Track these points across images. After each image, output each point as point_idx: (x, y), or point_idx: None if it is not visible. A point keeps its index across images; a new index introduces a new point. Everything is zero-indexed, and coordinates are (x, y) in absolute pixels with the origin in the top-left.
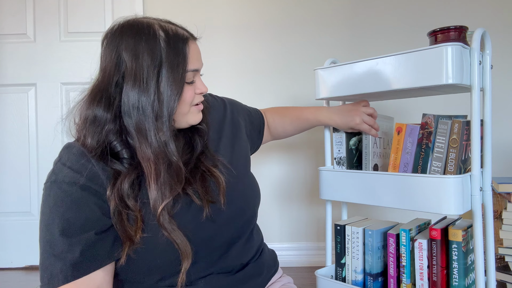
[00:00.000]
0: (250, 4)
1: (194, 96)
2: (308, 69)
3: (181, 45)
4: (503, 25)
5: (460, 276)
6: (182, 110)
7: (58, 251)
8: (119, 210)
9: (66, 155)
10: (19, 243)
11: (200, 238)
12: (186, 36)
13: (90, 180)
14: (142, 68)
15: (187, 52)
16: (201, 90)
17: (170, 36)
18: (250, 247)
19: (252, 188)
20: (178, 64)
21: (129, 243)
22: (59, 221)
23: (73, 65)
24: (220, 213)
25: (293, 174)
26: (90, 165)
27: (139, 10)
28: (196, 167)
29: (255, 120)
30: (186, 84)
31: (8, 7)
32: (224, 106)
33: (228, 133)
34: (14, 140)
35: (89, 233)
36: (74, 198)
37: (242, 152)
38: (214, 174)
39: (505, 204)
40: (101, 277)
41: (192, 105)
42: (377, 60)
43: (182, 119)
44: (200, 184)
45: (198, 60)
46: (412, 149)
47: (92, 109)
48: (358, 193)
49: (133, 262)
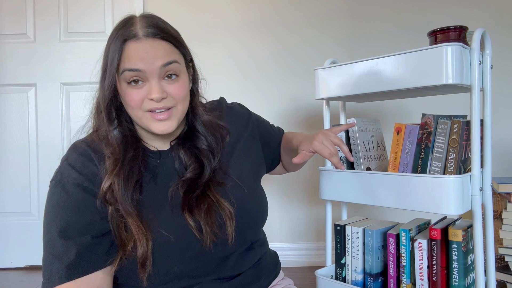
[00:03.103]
0: (250, 4)
1: (140, 100)
2: (308, 69)
3: (119, 43)
4: (503, 25)
5: (460, 276)
6: (134, 114)
7: (56, 251)
8: (115, 215)
9: (72, 154)
10: (19, 243)
11: (193, 253)
12: (132, 34)
13: (92, 182)
14: (102, 65)
15: (123, 50)
16: (150, 95)
17: (117, 34)
18: (250, 257)
19: (260, 206)
20: (113, 61)
21: (122, 250)
22: (59, 221)
23: (73, 65)
24: (223, 239)
25: (293, 174)
26: (93, 167)
27: (139, 10)
28: (203, 195)
29: (277, 141)
30: (127, 84)
31: (8, 7)
32: (248, 119)
33: (243, 146)
34: (14, 140)
35: (86, 236)
36: (75, 200)
37: (254, 169)
38: (223, 207)
39: (505, 204)
40: (101, 277)
41: (144, 111)
42: (377, 60)
43: (142, 124)
44: (205, 216)
45: (142, 60)
46: (411, 149)
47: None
48: (358, 193)
49: (129, 267)
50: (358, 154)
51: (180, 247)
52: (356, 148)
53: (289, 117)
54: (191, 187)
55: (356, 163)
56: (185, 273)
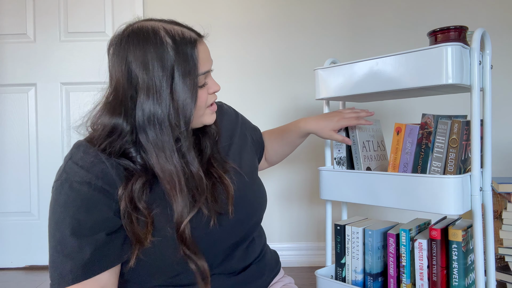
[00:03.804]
0: (250, 4)
1: (207, 97)
2: (308, 69)
3: (189, 50)
4: (503, 25)
5: (460, 276)
6: (198, 114)
7: (68, 251)
8: (129, 212)
9: (77, 153)
10: (19, 243)
11: (205, 243)
12: (193, 38)
13: (101, 179)
14: (154, 80)
15: (196, 56)
16: (214, 89)
17: (178, 42)
18: (253, 249)
19: (260, 194)
20: (190, 71)
21: (138, 245)
22: (70, 220)
23: (73, 65)
24: (227, 219)
25: (293, 174)
26: (101, 164)
27: (139, 11)
28: (208, 173)
29: (259, 138)
30: (199, 87)
31: (8, 7)
32: (236, 116)
33: (238, 140)
34: (14, 140)
35: (100, 234)
36: (85, 198)
37: (250, 161)
38: (224, 182)
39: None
40: (107, 277)
41: (206, 107)
42: (377, 60)
43: (197, 121)
44: (210, 192)
45: (208, 60)
46: (411, 149)
47: (113, 119)
48: (358, 193)
49: (141, 263)
50: (358, 154)
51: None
52: (356, 148)
53: (289, 117)
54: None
55: (356, 163)
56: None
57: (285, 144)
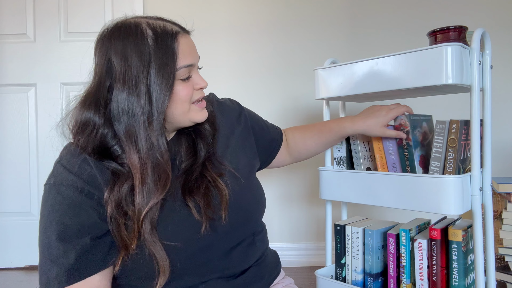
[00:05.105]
0: (250, 4)
1: (192, 93)
2: (308, 69)
3: (169, 42)
4: (503, 25)
5: (460, 276)
6: (182, 109)
7: (54, 255)
8: (115, 216)
9: (65, 156)
10: (19, 243)
11: (197, 247)
12: (175, 31)
13: (88, 183)
14: (131, 70)
15: (176, 48)
16: (200, 85)
17: (158, 34)
18: (252, 253)
19: (256, 198)
20: (167, 62)
21: (124, 250)
22: (56, 225)
23: (73, 65)
24: (221, 224)
25: (293, 174)
26: (88, 167)
27: (139, 11)
28: (202, 176)
29: (270, 136)
30: (181, 81)
31: (8, 7)
32: (240, 113)
33: (237, 140)
34: (14, 140)
35: (84, 238)
36: (71, 202)
37: (249, 162)
38: (218, 186)
39: (505, 204)
40: (98, 280)
41: (191, 102)
42: (377, 60)
43: (184, 118)
44: (203, 196)
45: (191, 54)
46: (393, 150)
47: (83, 113)
48: (358, 193)
49: (130, 267)
50: (358, 154)
51: (182, 236)
52: (356, 148)
53: (289, 117)
54: (189, 170)
55: (356, 163)
56: (188, 270)
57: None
